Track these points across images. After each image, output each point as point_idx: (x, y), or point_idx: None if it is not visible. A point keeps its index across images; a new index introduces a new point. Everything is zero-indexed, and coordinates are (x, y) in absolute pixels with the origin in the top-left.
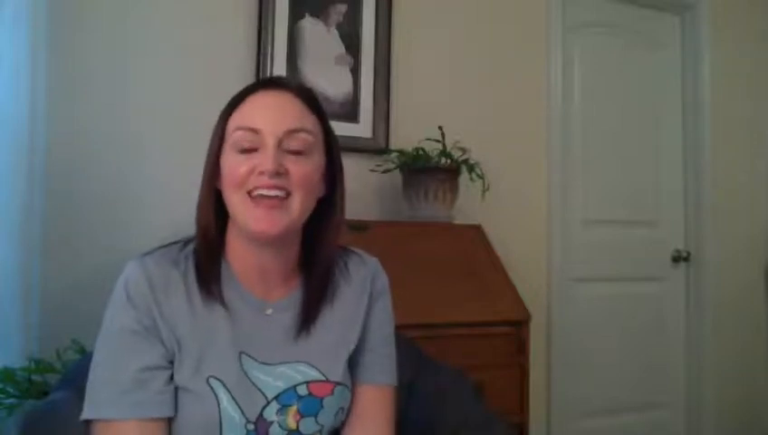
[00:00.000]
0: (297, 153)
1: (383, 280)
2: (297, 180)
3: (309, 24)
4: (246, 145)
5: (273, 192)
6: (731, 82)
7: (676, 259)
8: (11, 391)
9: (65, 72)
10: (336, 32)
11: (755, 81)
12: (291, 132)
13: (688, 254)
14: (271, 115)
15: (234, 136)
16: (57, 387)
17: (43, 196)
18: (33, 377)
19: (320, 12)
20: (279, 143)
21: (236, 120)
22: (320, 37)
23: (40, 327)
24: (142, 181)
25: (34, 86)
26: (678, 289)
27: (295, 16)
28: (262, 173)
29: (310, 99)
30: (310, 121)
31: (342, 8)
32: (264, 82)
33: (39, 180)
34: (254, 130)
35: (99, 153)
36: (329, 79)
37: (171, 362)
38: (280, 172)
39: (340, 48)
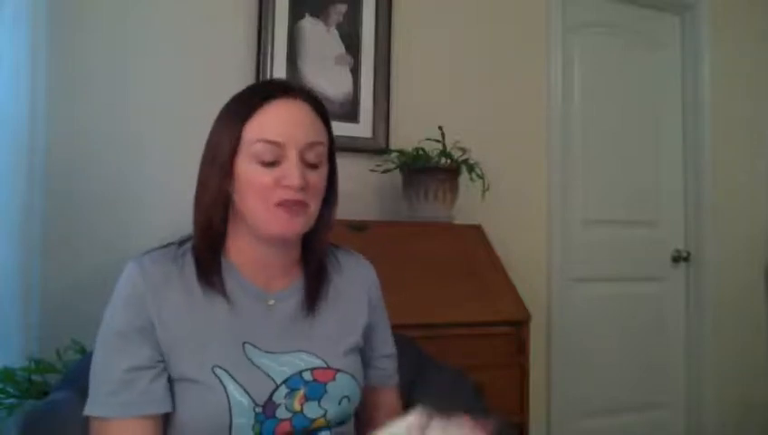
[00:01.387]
0: (314, 166)
1: (377, 284)
2: (314, 191)
3: (309, 24)
4: (269, 158)
5: (296, 206)
6: (731, 82)
7: (676, 259)
8: (11, 391)
9: (65, 72)
10: (336, 32)
11: (755, 81)
12: (310, 145)
13: (688, 254)
14: (292, 129)
15: (255, 147)
16: (57, 387)
17: (43, 196)
18: (33, 377)
19: (320, 12)
20: (301, 156)
21: (256, 131)
22: (320, 37)
23: (40, 327)
24: (142, 181)
25: (34, 86)
26: (678, 289)
27: (295, 16)
28: (287, 187)
29: (320, 108)
30: (322, 133)
31: (342, 8)
32: (277, 89)
33: (39, 180)
34: (277, 144)
35: (99, 153)
36: (329, 79)
37: (160, 362)
38: (304, 187)
39: (340, 48)
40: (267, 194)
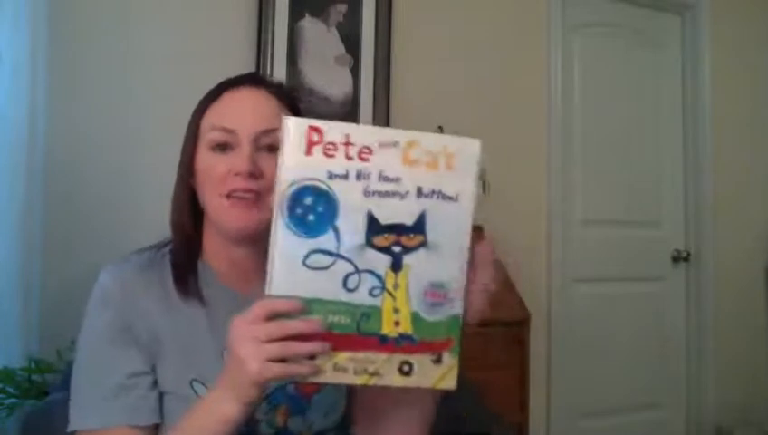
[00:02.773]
0: (273, 150)
1: None
2: (272, 181)
3: (309, 24)
4: (221, 140)
5: (248, 195)
6: (731, 81)
7: (676, 259)
8: (11, 391)
9: (65, 72)
10: (336, 32)
11: (755, 80)
12: (267, 132)
13: (688, 254)
14: (245, 115)
15: (209, 135)
16: (57, 387)
17: (43, 196)
18: (33, 377)
19: (320, 12)
20: (254, 143)
21: (210, 119)
22: (320, 37)
23: (40, 327)
24: (142, 181)
25: (34, 86)
26: (678, 289)
27: (295, 16)
28: (237, 174)
29: (285, 96)
30: None
31: (342, 8)
32: (237, 80)
33: (39, 180)
34: (229, 130)
35: (99, 153)
36: (329, 79)
37: (153, 368)
38: (254, 173)
39: (340, 48)
40: (220, 184)
